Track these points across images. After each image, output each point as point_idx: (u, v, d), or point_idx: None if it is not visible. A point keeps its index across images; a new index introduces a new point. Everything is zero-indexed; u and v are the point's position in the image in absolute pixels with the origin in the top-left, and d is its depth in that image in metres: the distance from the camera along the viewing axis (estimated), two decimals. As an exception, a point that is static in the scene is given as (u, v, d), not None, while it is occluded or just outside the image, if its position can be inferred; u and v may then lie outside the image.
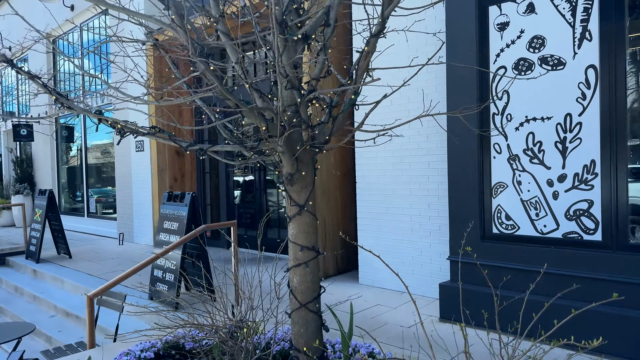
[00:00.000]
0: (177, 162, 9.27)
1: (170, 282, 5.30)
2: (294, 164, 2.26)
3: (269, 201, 8.15)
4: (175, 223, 5.48)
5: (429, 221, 5.30)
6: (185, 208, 5.38)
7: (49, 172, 13.43)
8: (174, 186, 9.16)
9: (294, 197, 2.32)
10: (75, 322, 5.81)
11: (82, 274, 7.24)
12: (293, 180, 2.29)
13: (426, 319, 4.67)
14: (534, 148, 4.08)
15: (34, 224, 8.71)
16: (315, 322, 2.43)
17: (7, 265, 8.97)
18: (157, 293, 5.49)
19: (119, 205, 10.49)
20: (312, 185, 2.33)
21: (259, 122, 2.19)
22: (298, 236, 2.36)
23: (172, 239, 5.47)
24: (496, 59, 4.29)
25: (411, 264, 5.45)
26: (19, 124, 13.53)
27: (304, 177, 2.30)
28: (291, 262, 2.42)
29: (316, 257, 2.39)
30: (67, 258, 8.57)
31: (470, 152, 4.37)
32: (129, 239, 10.13)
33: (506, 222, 4.26)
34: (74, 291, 6.78)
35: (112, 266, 7.70)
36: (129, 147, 10.06)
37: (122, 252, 8.93)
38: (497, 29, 4.25)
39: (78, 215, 12.55)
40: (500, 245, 4.25)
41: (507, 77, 4.10)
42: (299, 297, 2.38)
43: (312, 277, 2.39)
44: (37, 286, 7.29)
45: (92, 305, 3.70)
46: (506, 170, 4.24)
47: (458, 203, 4.48)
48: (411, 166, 5.43)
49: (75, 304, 6.24)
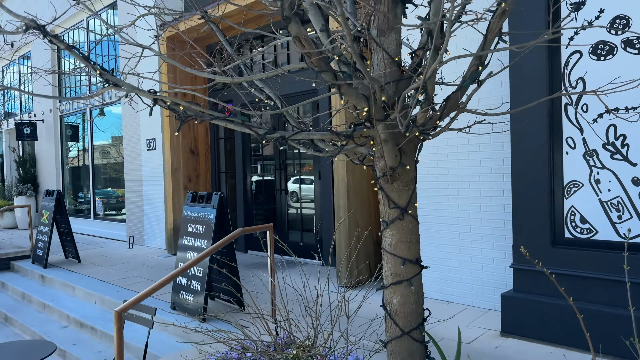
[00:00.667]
0: (192, 162, 8.80)
1: (196, 290, 4.83)
2: (397, 155, 1.81)
3: (289, 202, 7.69)
4: (201, 226, 5.01)
5: (480, 224, 4.84)
6: (212, 210, 4.91)
7: (53, 172, 12.95)
8: (188, 186, 8.69)
9: (393, 197, 1.87)
10: (91, 334, 5.34)
11: (93, 280, 6.77)
12: (395, 175, 1.83)
13: (485, 332, 4.22)
14: (616, 142, 3.63)
15: (40, 227, 8.24)
16: (420, 354, 1.97)
17: (13, 271, 8.49)
18: (181, 303, 5.02)
19: (128, 207, 10.01)
20: (414, 183, 1.88)
21: (359, 102, 1.73)
22: (398, 246, 1.90)
23: (197, 243, 5.01)
24: (569, 42, 3.83)
25: (459, 271, 4.99)
26: (21, 123, 13.05)
27: (407, 172, 1.85)
28: (389, 279, 1.96)
29: (420, 273, 1.93)
30: (76, 262, 8.10)
31: (538, 148, 3.92)
32: (139, 242, 9.65)
33: (581, 226, 3.80)
34: (86, 299, 6.31)
35: (124, 271, 7.23)
36: (139, 146, 9.59)
37: (133, 256, 8.46)
38: (570, 9, 3.80)
39: (84, 217, 12.07)
40: (573, 252, 3.79)
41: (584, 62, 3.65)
42: (401, 322, 1.92)
43: (417, 297, 1.93)
44: (46, 293, 6.82)
45: (120, 322, 3.23)
46: (581, 167, 3.78)
47: (523, 205, 4.02)
48: (459, 164, 4.97)
49: (89, 313, 5.77)
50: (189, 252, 5.11)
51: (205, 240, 4.90)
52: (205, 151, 9.03)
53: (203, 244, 4.92)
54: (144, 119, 9.39)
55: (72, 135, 12.82)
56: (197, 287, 4.83)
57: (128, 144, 9.94)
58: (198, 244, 5.00)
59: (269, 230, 4.35)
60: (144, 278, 6.72)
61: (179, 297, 5.09)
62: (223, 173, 9.01)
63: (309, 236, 7.43)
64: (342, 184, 5.75)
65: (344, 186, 5.74)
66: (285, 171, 7.70)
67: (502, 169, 4.63)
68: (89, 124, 11.80)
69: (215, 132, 9.02)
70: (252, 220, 8.33)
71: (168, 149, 8.51)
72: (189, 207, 5.25)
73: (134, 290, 6.09)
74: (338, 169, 5.78)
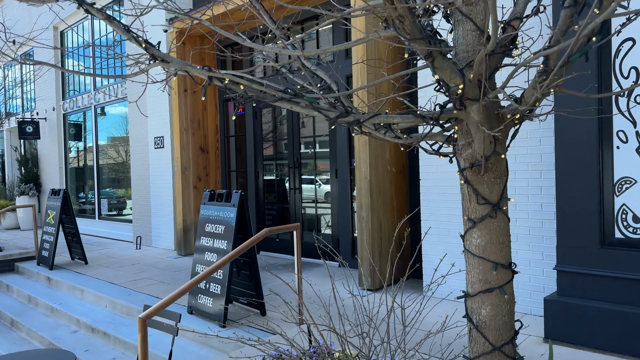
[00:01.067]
0: (202, 160, 8.55)
1: (216, 294, 4.58)
2: (491, 141, 1.56)
3: (304, 202, 7.44)
4: (220, 226, 4.76)
5: (516, 224, 4.59)
6: (233, 209, 4.66)
7: (56, 171, 12.68)
8: (198, 185, 8.44)
9: (482, 191, 1.62)
10: (104, 340, 5.08)
11: (102, 283, 6.51)
12: (487, 166, 1.58)
13: (526, 339, 3.97)
14: (674, 136, 3.39)
15: (46, 227, 7.98)
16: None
17: (18, 272, 8.23)
18: (199, 307, 4.77)
19: (134, 207, 9.75)
20: (506, 175, 1.63)
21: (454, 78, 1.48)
22: (489, 248, 1.66)
23: (216, 244, 4.76)
24: (620, 29, 3.59)
25: (491, 272, 4.75)
26: (24, 121, 12.78)
27: (500, 162, 1.60)
28: (476, 286, 1.71)
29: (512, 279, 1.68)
30: (82, 264, 7.84)
31: (586, 142, 3.68)
32: (146, 242, 9.39)
33: (634, 225, 3.56)
34: (96, 302, 6.05)
35: (134, 273, 6.97)
36: (147, 144, 9.34)
37: (141, 258, 8.20)
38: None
39: (88, 217, 11.80)
40: (625, 253, 3.55)
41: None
42: (491, 336, 1.67)
43: (510, 307, 1.69)
44: (54, 296, 6.56)
45: (145, 329, 2.97)
46: (635, 162, 3.54)
47: (569, 203, 3.77)
48: (492, 160, 4.72)
49: (100, 317, 5.51)
50: (207, 253, 4.86)
51: (225, 241, 4.65)
52: (215, 149, 8.78)
53: (223, 245, 4.67)
54: (151, 117, 9.14)
55: (76, 134, 12.56)
56: (217, 291, 4.58)
57: (135, 142, 9.69)
58: (217, 245, 4.75)
59: (295, 230, 4.11)
60: (155, 280, 6.47)
61: (196, 301, 4.83)
62: (233, 172, 8.76)
63: (324, 237, 7.18)
64: (364, 182, 5.50)
65: (366, 184, 5.49)
66: (299, 169, 7.45)
67: (539, 166, 4.40)
68: (93, 122, 11.53)
69: (225, 130, 8.77)
70: (263, 220, 8.08)
71: (178, 147, 8.26)
72: (207, 206, 5.00)
73: (146, 293, 5.84)
74: (360, 166, 5.53)
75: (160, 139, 8.95)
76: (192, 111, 8.38)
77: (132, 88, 9.63)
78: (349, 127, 1.72)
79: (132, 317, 5.41)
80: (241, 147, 8.59)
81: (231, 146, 8.79)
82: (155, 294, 5.77)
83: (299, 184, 7.45)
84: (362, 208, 5.52)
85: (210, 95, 8.69)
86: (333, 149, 6.87)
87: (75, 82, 12.29)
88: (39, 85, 13.26)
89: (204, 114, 8.59)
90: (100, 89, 11.18)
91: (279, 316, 4.77)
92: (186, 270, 7.01)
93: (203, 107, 8.57)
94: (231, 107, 8.71)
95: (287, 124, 7.57)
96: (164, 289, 6.02)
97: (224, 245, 4.66)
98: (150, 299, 5.61)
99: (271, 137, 7.93)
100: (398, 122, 1.66)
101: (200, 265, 4.93)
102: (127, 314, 5.48)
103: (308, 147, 7.36)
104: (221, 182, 8.84)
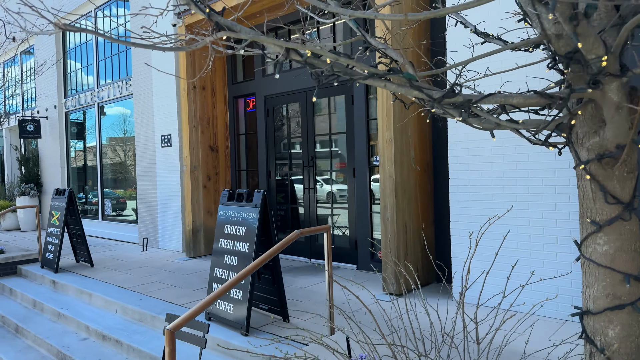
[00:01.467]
0: (211, 159, 8.27)
1: (238, 299, 4.31)
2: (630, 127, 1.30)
3: (318, 202, 7.16)
4: (241, 227, 4.49)
5: (555, 225, 4.34)
6: (255, 210, 4.39)
7: (57, 171, 12.37)
8: (207, 185, 8.16)
9: (611, 188, 1.35)
10: (116, 348, 4.80)
11: (111, 286, 6.22)
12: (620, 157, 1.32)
13: (574, 348, 3.70)
14: None
15: (50, 228, 7.68)
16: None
17: (21, 275, 7.93)
18: (218, 313, 4.49)
19: (140, 207, 9.46)
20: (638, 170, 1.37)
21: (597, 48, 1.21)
22: (619, 257, 1.38)
23: (237, 246, 4.48)
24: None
25: (528, 277, 4.49)
26: (24, 119, 12.47)
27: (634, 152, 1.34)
28: (600, 302, 1.44)
29: (643, 292, 1.41)
30: (88, 267, 7.55)
31: None
32: (153, 244, 9.11)
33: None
34: (106, 307, 5.76)
35: (143, 276, 6.69)
36: (153, 143, 9.05)
37: (148, 260, 7.92)
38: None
39: (92, 218, 11.50)
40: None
41: None
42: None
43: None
44: (60, 301, 6.27)
45: (173, 342, 2.69)
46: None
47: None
48: (529, 157, 4.47)
49: (111, 324, 5.23)
50: (227, 256, 4.59)
51: (247, 243, 4.38)
52: (225, 148, 8.50)
53: (244, 248, 4.40)
54: (158, 114, 8.86)
55: (78, 133, 12.25)
56: (239, 296, 4.30)
57: (140, 140, 9.40)
58: (238, 247, 4.47)
59: (326, 232, 3.84)
60: (166, 284, 6.19)
61: (215, 307, 4.56)
62: (243, 171, 8.49)
63: (341, 239, 6.91)
64: (389, 181, 5.24)
65: (391, 183, 5.22)
66: (314, 168, 7.18)
67: (582, 164, 4.14)
68: (96, 120, 11.24)
69: (235, 128, 8.49)
70: (275, 221, 7.80)
71: (186, 145, 7.97)
72: (226, 207, 4.72)
73: (158, 298, 5.56)
74: (384, 164, 5.26)
75: (168, 137, 8.67)
76: (201, 109, 8.10)
77: (138, 85, 9.34)
78: (444, 111, 1.43)
79: (146, 323, 5.13)
80: (251, 146, 8.31)
81: (241, 145, 8.52)
82: (168, 299, 5.49)
83: (314, 184, 7.18)
84: (386, 209, 5.25)
85: (220, 92, 8.41)
86: (351, 146, 6.60)
87: (77, 79, 11.99)
88: (40, 82, 12.96)
89: (214, 112, 8.32)
90: (103, 86, 10.88)
91: (303, 323, 4.50)
92: (197, 273, 6.74)
93: (212, 104, 8.29)
94: (241, 105, 8.43)
95: (302, 121, 7.30)
96: (176, 293, 5.74)
97: (246, 248, 4.39)
98: (163, 304, 5.33)
99: (284, 135, 7.66)
100: (519, 103, 1.40)
101: (218, 269, 4.65)
102: (140, 320, 5.20)
103: (324, 145, 7.09)
104: (231, 181, 8.56)
